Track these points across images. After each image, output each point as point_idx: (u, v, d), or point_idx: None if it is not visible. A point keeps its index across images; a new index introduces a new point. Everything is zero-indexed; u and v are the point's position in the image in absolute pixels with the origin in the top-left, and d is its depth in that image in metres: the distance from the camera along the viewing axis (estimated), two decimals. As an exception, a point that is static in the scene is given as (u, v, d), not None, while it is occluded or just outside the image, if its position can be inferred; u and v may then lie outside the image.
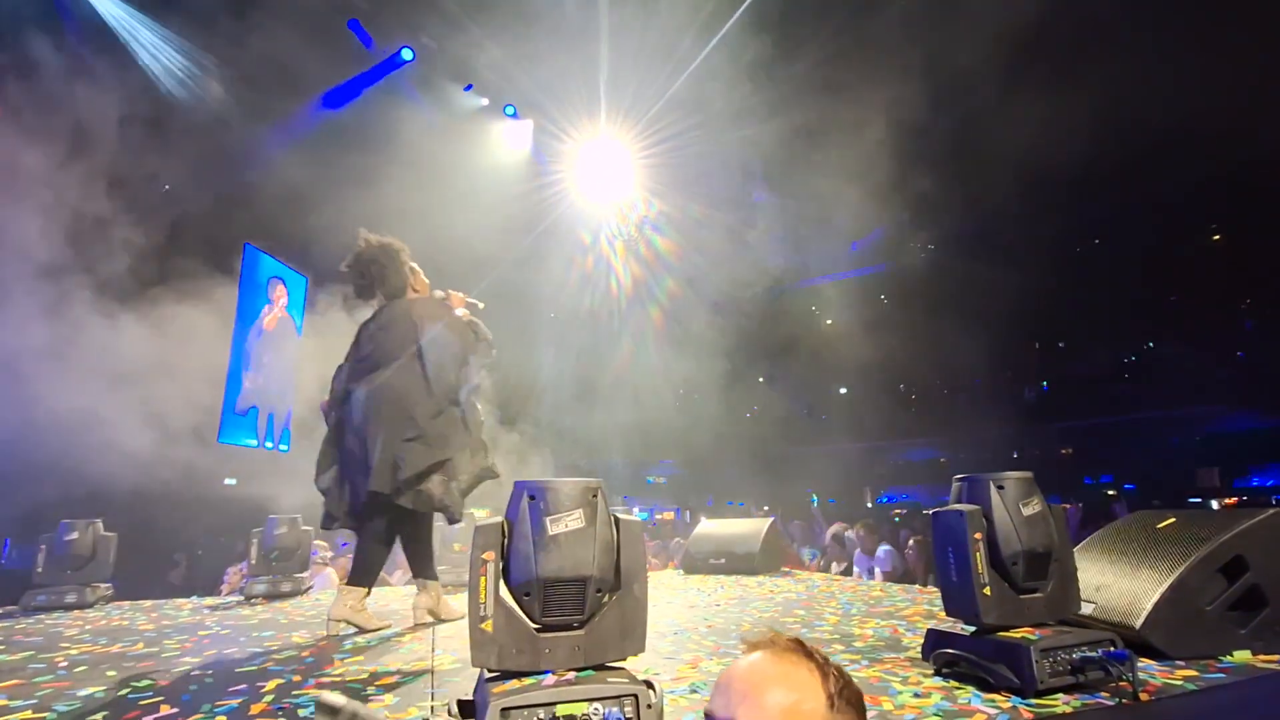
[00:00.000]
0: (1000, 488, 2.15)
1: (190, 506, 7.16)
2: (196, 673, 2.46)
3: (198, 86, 7.61)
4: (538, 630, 1.71)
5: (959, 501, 2.22)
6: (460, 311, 3.55)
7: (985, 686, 1.98)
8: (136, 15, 7.56)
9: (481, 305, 3.75)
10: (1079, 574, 2.25)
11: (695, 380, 11.89)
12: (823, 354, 13.74)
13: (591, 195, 11.24)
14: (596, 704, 1.53)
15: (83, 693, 2.20)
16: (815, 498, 13.09)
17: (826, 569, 6.15)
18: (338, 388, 3.38)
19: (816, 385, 15.33)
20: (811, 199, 10.59)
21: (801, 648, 0.93)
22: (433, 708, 1.94)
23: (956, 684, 2.05)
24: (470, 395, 3.40)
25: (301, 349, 10.43)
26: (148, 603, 4.47)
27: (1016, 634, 2.02)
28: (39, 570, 4.30)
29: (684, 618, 3.30)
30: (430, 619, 3.32)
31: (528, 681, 1.62)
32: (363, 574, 3.27)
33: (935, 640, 2.25)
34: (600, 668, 1.72)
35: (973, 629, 2.15)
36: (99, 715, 1.95)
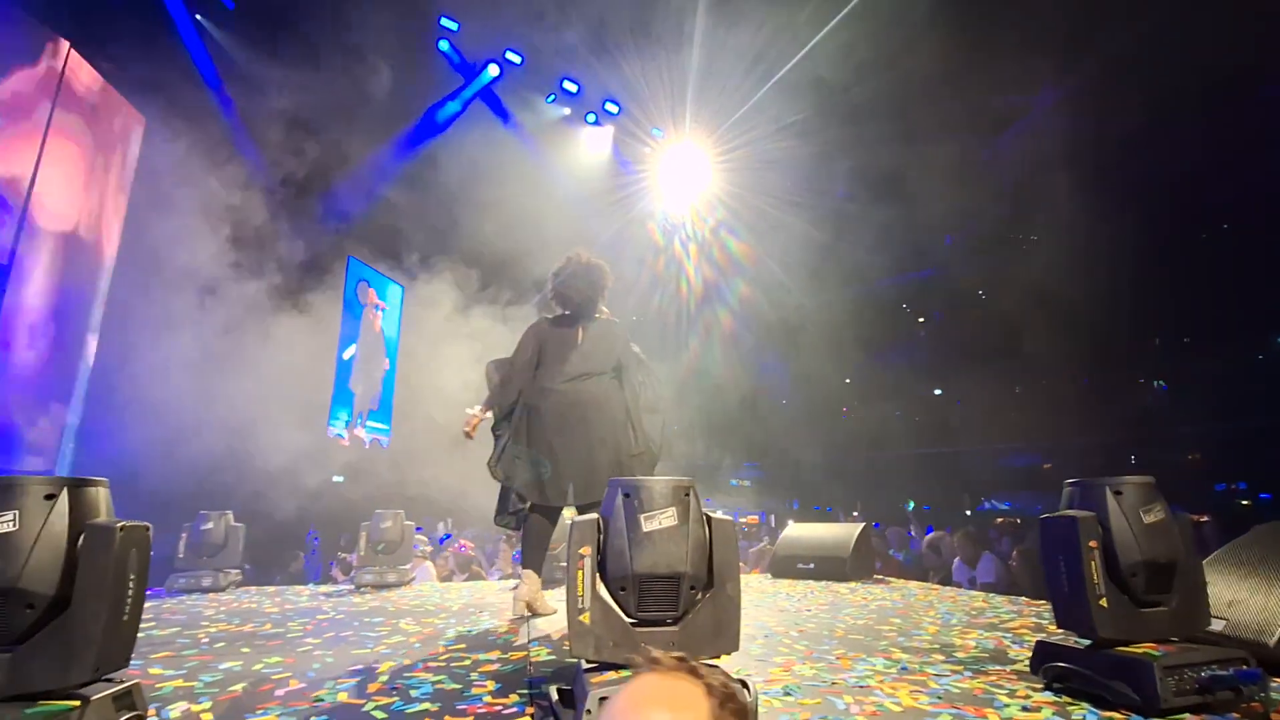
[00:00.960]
0: (1118, 493, 2.02)
1: (303, 501, 7.72)
2: (318, 653, 2.67)
3: (311, 115, 8.23)
4: (633, 624, 1.76)
5: (1071, 507, 2.10)
6: None
7: (1101, 704, 1.87)
8: (254, 51, 8.30)
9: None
10: (1208, 588, 2.08)
11: (780, 382, 11.72)
12: (916, 354, 13.19)
13: (668, 198, 11.33)
14: (692, 699, 1.56)
15: (223, 666, 2.43)
16: (911, 503, 12.58)
17: (923, 578, 5.90)
18: (526, 389, 3.50)
19: (909, 386, 14.71)
20: (900, 197, 10.24)
21: (685, 665, 0.91)
22: (531, 696, 2.03)
23: (1069, 700, 1.94)
24: (653, 415, 3.59)
25: (398, 347, 11.16)
26: (271, 588, 4.88)
27: (1138, 650, 1.89)
28: (180, 556, 4.78)
29: (774, 621, 3.27)
30: (527, 612, 3.44)
31: (625, 674, 1.66)
32: (541, 561, 3.50)
33: (1045, 653, 2.13)
34: (694, 664, 1.74)
35: (1087, 643, 2.02)
36: (238, 686, 2.15)
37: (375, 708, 1.91)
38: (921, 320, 14.25)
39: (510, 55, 9.65)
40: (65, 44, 7.67)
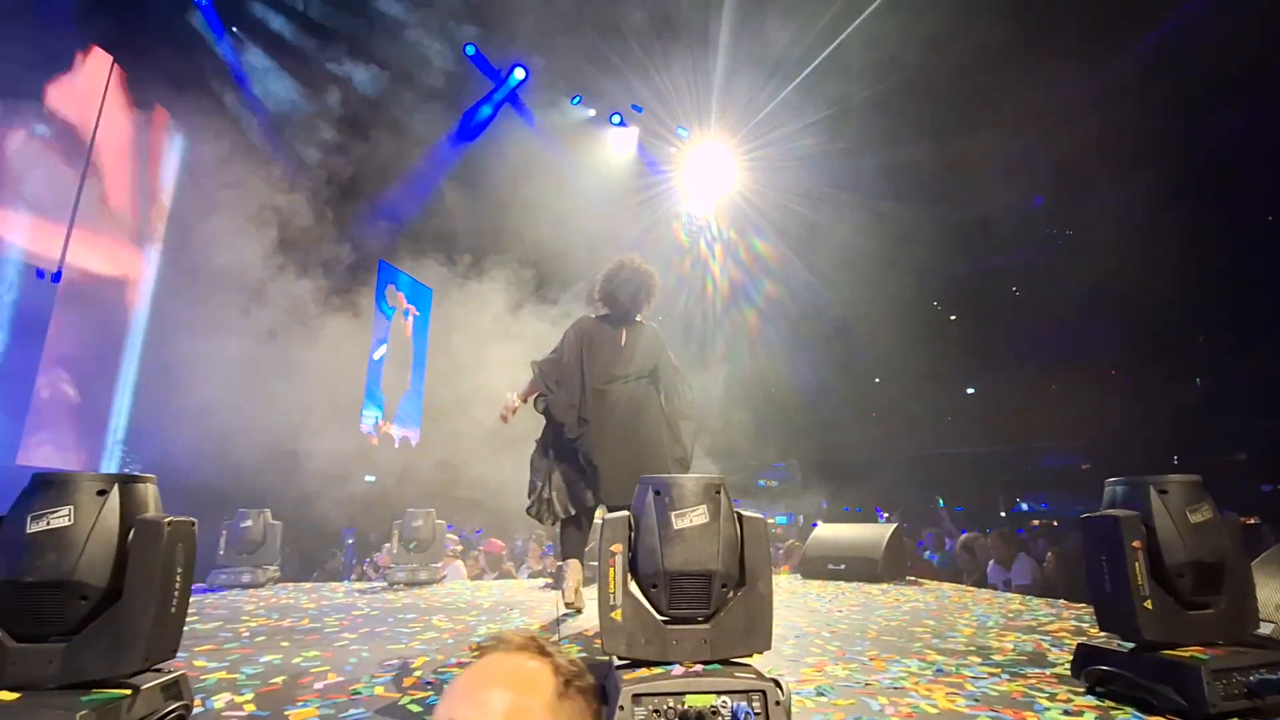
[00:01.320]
0: (1163, 492, 1.96)
1: (339, 500, 7.88)
2: (354, 647, 2.72)
3: (346, 123, 8.41)
4: (665, 622, 1.76)
5: (1113, 506, 2.05)
6: None
7: (1146, 708, 1.82)
8: (302, 81, 8.55)
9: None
10: (1257, 591, 2.01)
11: (808, 381, 11.60)
12: (947, 352, 12.94)
13: (693, 197, 11.30)
14: (725, 697, 1.56)
15: (263, 659, 2.49)
16: (942, 501, 12.37)
17: (957, 579, 5.80)
18: (569, 388, 3.53)
19: (941, 385, 14.44)
20: (930, 192, 10.08)
21: (533, 644, 0.89)
22: (564, 692, 2.04)
23: (1112, 704, 1.89)
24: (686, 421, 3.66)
25: (427, 348, 11.35)
26: (308, 584, 4.99)
27: (1184, 652, 1.84)
28: (221, 552, 4.91)
29: (805, 621, 3.25)
30: (571, 602, 3.44)
31: (656, 671, 1.67)
32: (581, 552, 3.57)
33: (1087, 656, 2.08)
34: (726, 663, 1.74)
35: (1131, 645, 1.97)
36: (279, 679, 2.21)
37: (410, 701, 1.94)
38: (954, 318, 13.98)
39: (535, 58, 9.74)
40: (109, 59, 7.94)
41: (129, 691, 1.48)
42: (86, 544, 1.50)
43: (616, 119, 10.58)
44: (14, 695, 1.40)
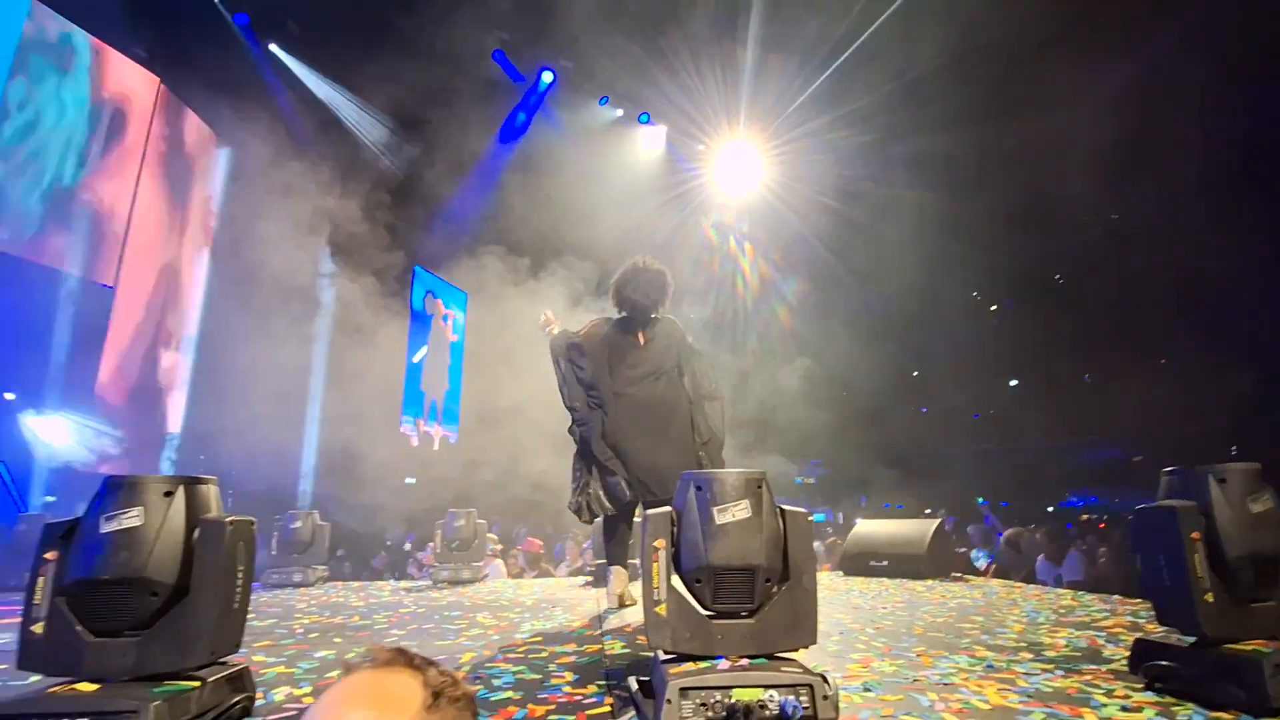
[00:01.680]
0: (1222, 481, 1.90)
1: (383, 501, 8.06)
2: (403, 643, 2.77)
3: (379, 132, 8.61)
4: (709, 616, 1.76)
5: (1170, 497, 1.98)
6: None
7: (1206, 703, 1.76)
8: (342, 91, 8.79)
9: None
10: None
11: (843, 377, 11.44)
12: (988, 344, 12.64)
13: (723, 194, 11.25)
14: (772, 691, 1.56)
15: (318, 654, 2.58)
16: (983, 500, 12.08)
17: (1004, 575, 5.67)
18: (596, 392, 3.61)
19: (981, 378, 14.08)
20: (965, 181, 9.84)
21: (400, 658, 0.86)
22: (609, 686, 2.06)
23: (1172, 699, 1.84)
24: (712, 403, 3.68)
25: (464, 350, 11.60)
26: (356, 584, 5.12)
27: (1245, 647, 1.78)
28: (272, 552, 5.07)
29: (849, 618, 3.22)
30: (619, 603, 3.51)
31: (702, 665, 1.67)
32: (625, 556, 3.66)
33: (1145, 651, 2.02)
34: (771, 657, 1.74)
35: (1191, 640, 1.91)
36: (334, 673, 2.27)
37: (461, 695, 1.98)
38: (994, 308, 13.63)
39: (562, 61, 9.81)
40: (156, 80, 8.27)
41: (197, 683, 1.56)
42: (156, 542, 1.58)
43: (644, 118, 10.60)
44: (93, 686, 1.48)
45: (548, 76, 9.93)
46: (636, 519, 4.05)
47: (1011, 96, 8.56)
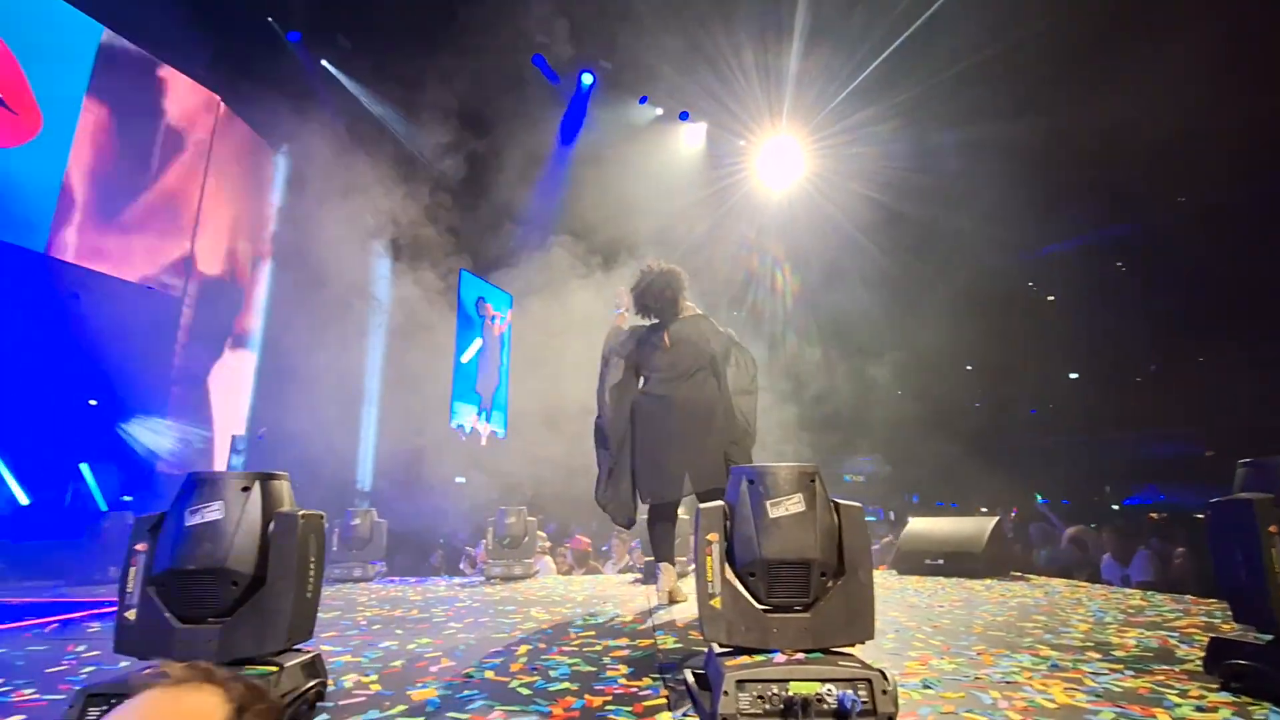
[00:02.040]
0: (1304, 473, 1.80)
1: (436, 498, 8.28)
2: (461, 635, 2.87)
3: (427, 139, 8.84)
4: (765, 611, 1.76)
5: (1246, 490, 1.90)
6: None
7: (1293, 706, 1.68)
8: (390, 102, 9.07)
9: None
10: None
11: (895, 373, 11.20)
12: (1046, 335, 12.17)
13: (764, 189, 11.14)
14: (829, 685, 1.55)
15: (381, 645, 2.67)
16: (1040, 497, 11.67)
17: (1066, 575, 5.47)
18: (626, 397, 3.72)
19: (1040, 371, 13.56)
20: (1020, 169, 9.50)
21: (197, 673, 0.80)
22: (664, 679, 2.08)
23: (1249, 699, 1.76)
24: (746, 397, 3.69)
25: (510, 351, 11.85)
26: (413, 579, 5.27)
27: (1333, 646, 1.68)
28: (333, 549, 5.27)
29: (904, 616, 3.16)
30: (669, 599, 3.54)
31: (758, 658, 1.68)
32: (673, 553, 3.71)
33: (1220, 650, 1.94)
34: (828, 651, 1.73)
35: (1269, 637, 1.82)
36: (398, 662, 2.36)
37: (519, 685, 2.03)
38: (1051, 299, 13.12)
39: (601, 62, 9.88)
40: (217, 97, 8.66)
41: (276, 668, 1.64)
42: (235, 535, 1.67)
43: (684, 116, 10.59)
44: (182, 669, 1.58)
45: (587, 78, 10.03)
46: (685, 515, 4.09)
47: (1071, 80, 8.23)
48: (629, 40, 9.03)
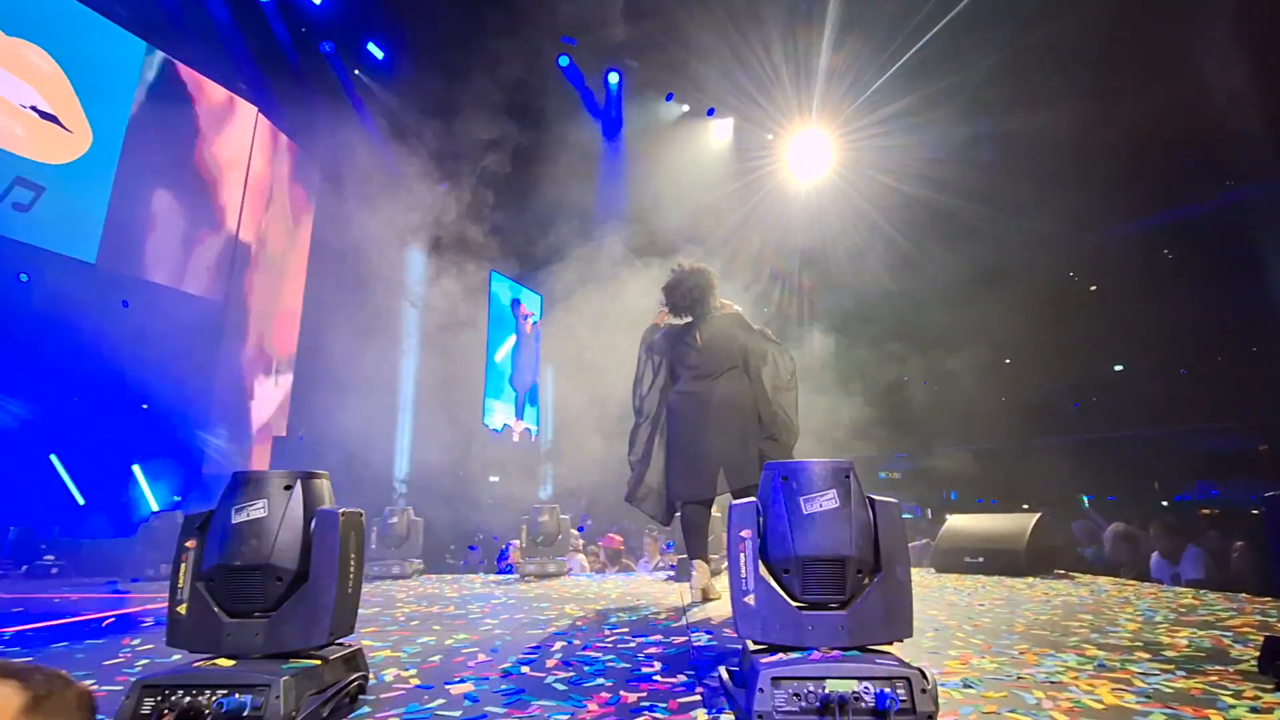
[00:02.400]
0: (1373, 467, 1.72)
1: (471, 497, 8.41)
2: (498, 631, 2.90)
3: (460, 143, 8.98)
4: (800, 608, 1.75)
5: (1308, 485, 1.82)
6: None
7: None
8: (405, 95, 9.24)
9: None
10: None
11: (930, 367, 10.99)
12: (1088, 327, 11.80)
13: (795, 182, 11.04)
14: (867, 683, 1.53)
15: (420, 640, 2.72)
16: (1087, 497, 11.32)
17: (1112, 573, 5.31)
18: (659, 397, 3.81)
19: (1083, 363, 13.14)
20: (1059, 154, 9.23)
21: None
22: (698, 676, 2.08)
23: (1313, 702, 1.68)
24: (786, 394, 3.71)
25: (543, 350, 11.95)
26: (449, 576, 5.36)
27: None
28: (372, 546, 5.38)
29: (944, 615, 3.11)
30: (702, 598, 3.55)
31: (794, 655, 1.66)
32: (705, 550, 3.73)
33: (1276, 649, 1.86)
34: (864, 649, 1.71)
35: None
36: (436, 657, 2.40)
37: (555, 680, 2.05)
38: (1094, 288, 12.70)
39: (628, 60, 9.90)
40: (254, 109, 8.91)
41: (320, 661, 1.68)
42: (279, 532, 1.72)
43: (712, 111, 10.55)
44: (230, 662, 1.63)
45: (614, 77, 10.05)
46: (717, 513, 4.09)
47: (1112, 65, 7.96)
48: (655, 36, 9.03)
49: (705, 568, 3.65)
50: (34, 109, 6.75)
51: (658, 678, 2.08)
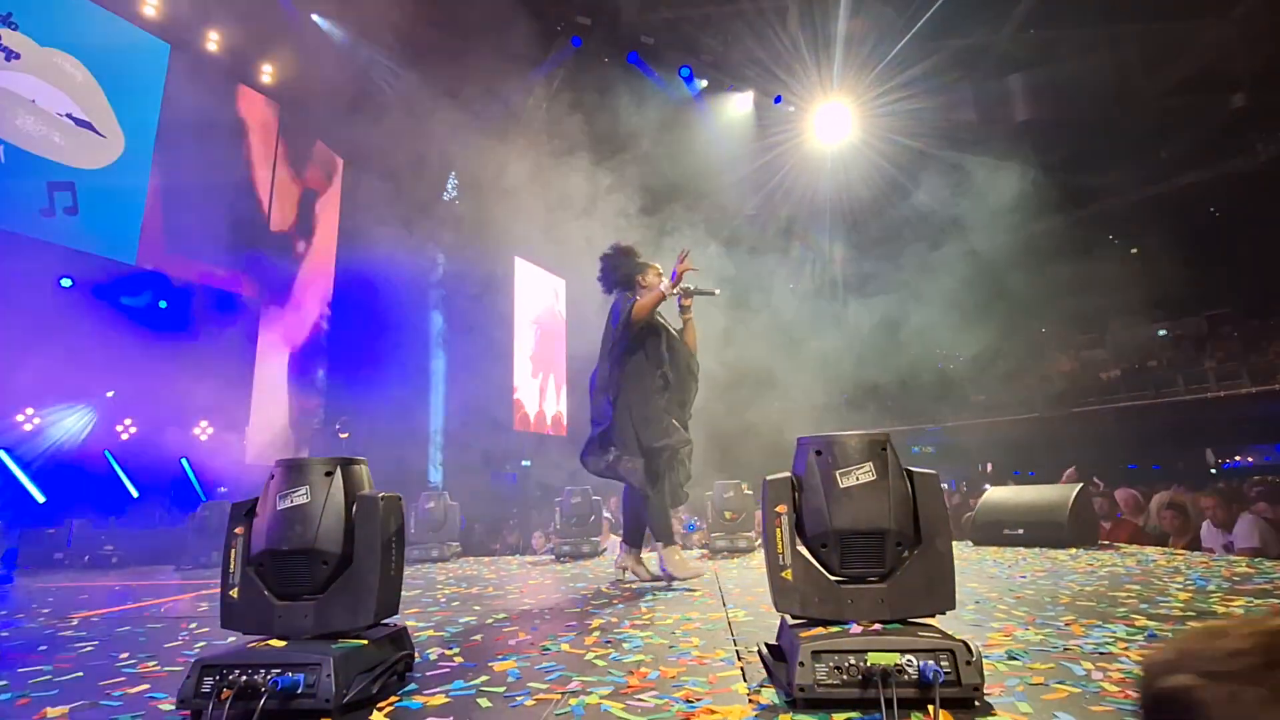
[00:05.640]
0: None
1: (505, 481, 8.53)
2: (536, 611, 2.95)
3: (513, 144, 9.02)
4: (839, 582, 1.74)
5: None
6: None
7: None
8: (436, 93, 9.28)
9: (716, 292, 3.96)
10: None
11: (962, 337, 10.75)
12: (1129, 290, 11.43)
13: (820, 148, 10.82)
14: (909, 656, 1.52)
15: (461, 620, 2.78)
16: (1132, 465, 11.04)
17: (1161, 543, 5.18)
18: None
19: (1124, 329, 12.71)
20: (1094, 110, 8.89)
21: None
22: (738, 651, 2.09)
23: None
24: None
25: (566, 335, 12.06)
26: (486, 559, 5.46)
27: None
28: (411, 531, 5.51)
29: (985, 588, 3.07)
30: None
31: (834, 629, 1.65)
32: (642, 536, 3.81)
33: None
34: (906, 622, 1.69)
35: None
36: (478, 636, 2.45)
37: (594, 657, 2.08)
38: (1135, 251, 12.29)
39: (644, 38, 9.75)
40: (278, 105, 9.00)
41: (366, 641, 1.73)
42: (322, 517, 1.76)
43: (732, 86, 10.37)
44: (282, 643, 1.68)
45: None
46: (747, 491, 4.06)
47: (1150, 14, 7.60)
48: (671, 13, 8.89)
49: (679, 553, 3.61)
50: (69, 116, 6.93)
51: (696, 652, 2.09)
